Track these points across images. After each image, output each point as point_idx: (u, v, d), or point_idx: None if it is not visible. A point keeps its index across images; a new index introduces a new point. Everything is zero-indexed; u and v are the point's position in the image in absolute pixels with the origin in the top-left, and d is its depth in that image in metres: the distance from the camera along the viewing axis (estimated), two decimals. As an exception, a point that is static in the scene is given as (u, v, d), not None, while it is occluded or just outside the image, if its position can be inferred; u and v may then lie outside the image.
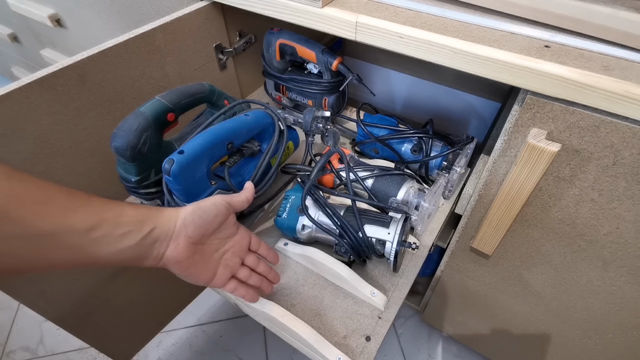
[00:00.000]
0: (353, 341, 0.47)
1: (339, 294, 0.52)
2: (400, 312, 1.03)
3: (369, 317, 0.49)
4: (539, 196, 0.49)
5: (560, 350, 0.68)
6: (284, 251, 0.56)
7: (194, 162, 0.46)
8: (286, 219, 0.54)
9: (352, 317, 0.49)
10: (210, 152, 0.48)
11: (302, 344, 0.47)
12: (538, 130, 0.44)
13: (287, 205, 0.55)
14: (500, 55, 0.41)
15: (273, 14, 0.55)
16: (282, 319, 0.47)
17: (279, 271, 0.52)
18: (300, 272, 0.54)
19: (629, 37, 0.40)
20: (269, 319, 0.48)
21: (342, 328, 0.48)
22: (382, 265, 0.54)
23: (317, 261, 0.52)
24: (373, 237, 0.49)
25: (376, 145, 0.65)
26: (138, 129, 0.48)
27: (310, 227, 0.53)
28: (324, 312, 0.50)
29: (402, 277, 0.53)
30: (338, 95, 0.70)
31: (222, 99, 0.58)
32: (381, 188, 0.56)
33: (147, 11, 0.79)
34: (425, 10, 0.48)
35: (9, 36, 1.28)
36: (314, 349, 0.45)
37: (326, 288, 0.52)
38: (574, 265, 0.54)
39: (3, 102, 0.45)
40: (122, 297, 0.74)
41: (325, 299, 0.51)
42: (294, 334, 0.46)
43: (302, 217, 0.53)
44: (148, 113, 0.49)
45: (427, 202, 0.52)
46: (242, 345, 0.97)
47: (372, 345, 0.47)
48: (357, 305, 0.50)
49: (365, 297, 0.50)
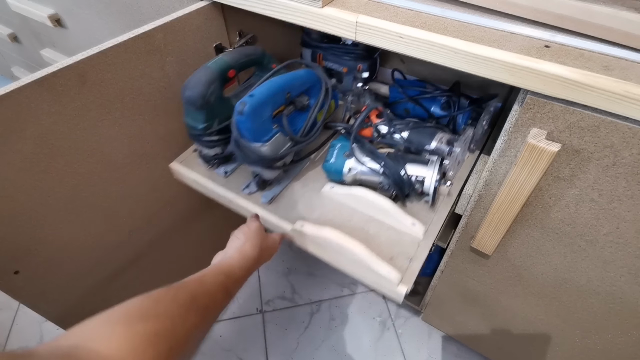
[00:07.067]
0: (398, 262, 0.53)
1: (382, 226, 0.58)
2: (400, 312, 1.03)
3: (410, 243, 0.56)
4: (539, 196, 0.49)
5: (560, 350, 0.68)
6: (330, 193, 0.62)
7: (262, 104, 0.53)
8: (334, 163, 0.61)
9: (396, 244, 0.56)
10: (274, 98, 0.55)
11: (355, 262, 0.53)
12: (538, 130, 0.44)
13: (334, 152, 0.61)
14: (500, 55, 0.41)
15: (273, 14, 0.55)
16: (338, 240, 0.53)
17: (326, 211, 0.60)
18: (345, 211, 0.60)
19: (629, 37, 0.40)
20: (326, 242, 0.54)
21: (387, 252, 0.54)
22: (419, 205, 0.61)
23: (363, 197, 0.58)
24: (413, 174, 0.56)
25: (407, 105, 0.72)
26: (206, 80, 0.55)
27: (356, 169, 0.60)
28: (371, 240, 0.56)
29: (437, 214, 0.59)
30: (371, 62, 0.78)
31: (271, 62, 0.65)
32: (416, 139, 0.62)
33: (147, 11, 0.79)
34: (425, 10, 0.48)
35: (9, 36, 1.28)
36: (367, 265, 0.52)
37: (370, 222, 0.58)
38: (574, 265, 0.54)
39: (3, 102, 0.44)
40: (122, 297, 0.73)
41: (371, 230, 0.57)
42: (349, 253, 0.53)
43: (348, 160, 0.60)
44: (214, 68, 0.56)
45: (458, 147, 0.59)
46: (242, 345, 0.97)
47: (415, 265, 0.53)
48: (399, 235, 0.57)
49: (406, 228, 0.57)
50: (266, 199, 0.61)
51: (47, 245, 0.56)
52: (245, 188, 0.63)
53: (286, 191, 0.64)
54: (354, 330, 1.00)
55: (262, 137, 0.55)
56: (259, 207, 0.61)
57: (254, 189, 0.63)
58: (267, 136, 0.55)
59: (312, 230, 0.55)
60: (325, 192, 0.63)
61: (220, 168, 0.66)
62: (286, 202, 0.62)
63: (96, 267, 0.65)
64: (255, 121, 0.53)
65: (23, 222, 0.52)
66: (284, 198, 0.63)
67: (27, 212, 0.52)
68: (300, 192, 0.64)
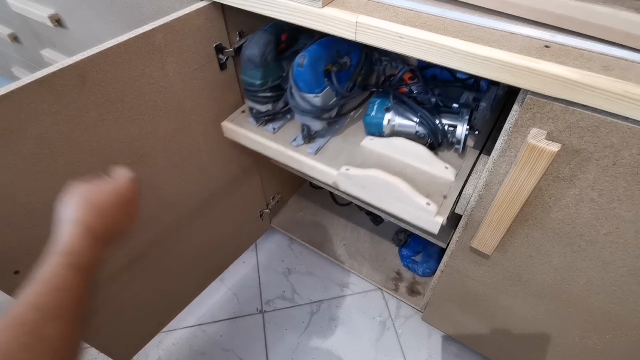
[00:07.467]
0: (434, 198, 0.59)
1: (418, 171, 0.65)
2: (400, 312, 1.03)
3: (443, 184, 0.63)
4: (539, 196, 0.49)
5: (560, 350, 0.68)
6: (370, 145, 0.69)
7: (317, 59, 0.60)
8: (374, 116, 0.68)
9: (431, 185, 0.62)
10: (326, 53, 0.62)
11: (396, 199, 0.60)
12: (538, 130, 0.44)
13: (374, 107, 0.68)
14: (500, 55, 0.41)
15: (273, 14, 0.55)
16: (384, 177, 0.60)
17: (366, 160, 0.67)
18: (384, 160, 0.67)
19: (629, 37, 0.40)
20: (370, 181, 0.62)
21: (424, 190, 0.60)
22: (449, 153, 0.68)
23: (401, 145, 0.65)
24: (446, 124, 0.63)
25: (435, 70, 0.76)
26: (264, 42, 0.64)
27: (394, 120, 0.67)
28: (409, 181, 0.61)
29: (465, 161, 0.66)
30: None
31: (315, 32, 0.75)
32: (445, 96, 0.69)
33: (147, 11, 0.79)
34: (425, 10, 0.48)
35: (9, 36, 1.28)
36: (408, 198, 0.59)
37: (407, 168, 0.65)
38: (574, 265, 0.54)
39: (3, 102, 0.45)
40: (122, 296, 0.74)
41: (408, 174, 0.64)
42: (391, 189, 0.60)
43: (387, 113, 0.67)
44: (270, 31, 0.65)
45: (484, 102, 0.65)
46: (242, 345, 0.97)
47: (448, 201, 0.60)
48: (434, 178, 0.64)
49: (440, 171, 0.63)
50: (312, 149, 0.69)
51: (47, 245, 0.56)
52: (293, 141, 0.71)
53: (329, 144, 0.71)
54: (354, 330, 1.00)
55: (315, 89, 0.62)
56: (306, 157, 0.68)
57: (301, 142, 0.71)
58: (319, 88, 0.63)
59: (357, 172, 0.62)
60: (364, 144, 0.70)
61: (268, 125, 0.74)
62: (330, 154, 0.70)
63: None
64: (311, 74, 0.60)
65: (23, 222, 0.52)
66: (328, 150, 0.70)
67: (27, 212, 0.52)
68: (342, 145, 0.71)
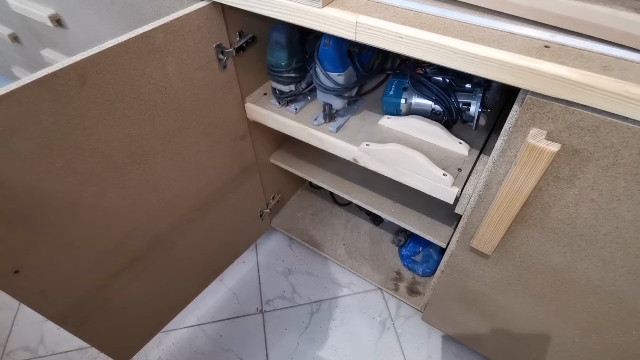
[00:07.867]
0: (449, 171, 0.63)
1: (433, 147, 0.69)
2: (400, 312, 1.03)
3: (458, 159, 0.66)
4: (539, 196, 0.49)
5: (560, 350, 0.68)
6: (387, 123, 0.73)
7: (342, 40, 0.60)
8: (392, 95, 0.72)
9: (446, 159, 0.66)
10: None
11: (414, 172, 0.65)
12: (538, 130, 0.44)
13: (392, 87, 0.72)
14: (500, 55, 0.41)
15: (273, 14, 0.55)
16: (402, 149, 0.64)
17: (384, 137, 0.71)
18: (401, 136, 0.71)
19: (629, 37, 0.40)
20: (389, 155, 0.66)
21: (439, 164, 0.64)
22: (463, 131, 0.71)
23: (416, 123, 0.69)
24: (461, 101, 0.67)
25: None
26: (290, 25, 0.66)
27: (411, 99, 0.70)
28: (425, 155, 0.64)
29: (478, 138, 0.70)
30: None
31: None
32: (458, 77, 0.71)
33: (147, 11, 0.79)
34: (425, 10, 0.48)
35: (10, 36, 1.28)
36: (426, 169, 0.63)
37: (423, 144, 0.69)
38: (574, 265, 0.54)
39: (3, 102, 0.45)
40: (122, 297, 0.74)
41: (424, 149, 0.67)
42: (410, 162, 0.64)
43: (405, 93, 0.71)
44: None
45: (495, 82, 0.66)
46: (242, 345, 0.97)
47: (463, 174, 0.64)
48: (448, 153, 0.68)
49: (454, 147, 0.67)
50: (333, 128, 0.74)
51: (47, 245, 0.56)
52: (314, 120, 0.76)
53: (348, 123, 0.75)
54: (354, 330, 1.00)
55: (339, 68, 0.67)
56: (327, 135, 0.73)
57: (322, 121, 0.75)
58: (343, 68, 0.67)
59: (378, 147, 0.67)
60: (382, 122, 0.74)
61: (290, 106, 0.79)
62: (350, 132, 0.74)
63: (96, 267, 0.65)
64: (336, 53, 0.65)
65: (23, 222, 0.52)
66: (347, 129, 0.74)
67: (27, 212, 0.52)
68: (361, 124, 0.75)
